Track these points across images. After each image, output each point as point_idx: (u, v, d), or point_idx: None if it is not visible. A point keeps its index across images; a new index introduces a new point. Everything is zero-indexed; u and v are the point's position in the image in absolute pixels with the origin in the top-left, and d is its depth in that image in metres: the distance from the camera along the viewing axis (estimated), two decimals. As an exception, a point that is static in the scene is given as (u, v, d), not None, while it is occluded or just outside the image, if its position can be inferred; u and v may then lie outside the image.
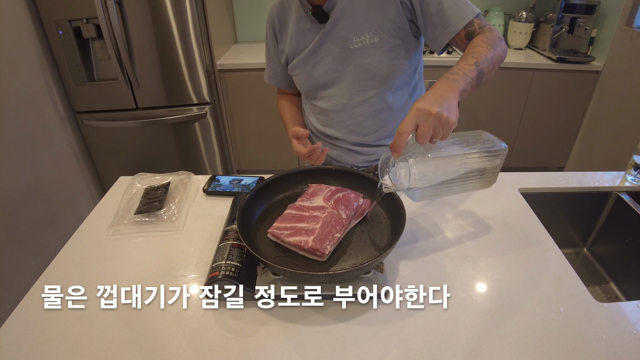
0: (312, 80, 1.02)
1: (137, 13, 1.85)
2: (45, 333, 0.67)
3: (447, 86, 0.67)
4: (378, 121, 1.03)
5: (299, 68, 1.02)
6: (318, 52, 0.97)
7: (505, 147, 0.73)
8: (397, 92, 1.01)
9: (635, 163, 1.07)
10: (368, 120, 1.03)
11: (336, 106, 1.03)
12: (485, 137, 0.74)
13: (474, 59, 0.74)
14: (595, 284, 1.06)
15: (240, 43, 2.68)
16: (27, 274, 1.69)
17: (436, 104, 0.62)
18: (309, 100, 1.09)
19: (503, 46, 0.81)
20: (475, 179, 0.75)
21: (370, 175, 0.87)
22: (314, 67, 0.99)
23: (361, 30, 0.91)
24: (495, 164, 0.74)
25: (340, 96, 1.01)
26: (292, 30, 0.99)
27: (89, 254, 0.84)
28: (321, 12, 0.91)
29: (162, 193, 0.99)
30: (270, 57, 1.11)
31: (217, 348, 0.64)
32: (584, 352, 0.63)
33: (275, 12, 1.01)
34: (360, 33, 0.91)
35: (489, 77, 0.77)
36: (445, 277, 0.77)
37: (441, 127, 0.62)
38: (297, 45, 0.99)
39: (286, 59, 1.04)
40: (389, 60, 0.94)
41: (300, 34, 0.97)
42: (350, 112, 1.02)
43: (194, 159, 2.33)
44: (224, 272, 0.68)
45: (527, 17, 2.40)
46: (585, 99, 2.38)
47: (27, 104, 1.75)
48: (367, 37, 0.91)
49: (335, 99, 1.02)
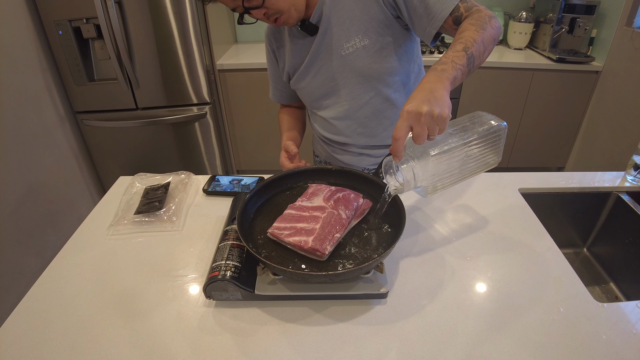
0: (313, 92, 1.03)
1: (137, 13, 1.85)
2: (45, 333, 0.67)
3: (434, 79, 0.66)
4: (384, 120, 1.04)
5: (299, 82, 1.04)
6: (313, 64, 0.98)
7: (505, 126, 0.71)
8: (398, 89, 1.01)
9: (635, 163, 1.07)
10: (374, 121, 1.04)
11: (339, 113, 1.04)
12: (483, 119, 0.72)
13: (461, 45, 0.72)
14: (595, 284, 1.06)
15: (240, 43, 2.68)
16: (27, 274, 1.70)
17: (425, 101, 0.61)
18: (314, 111, 1.11)
19: (494, 24, 0.78)
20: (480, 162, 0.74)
21: (370, 175, 0.87)
22: (312, 79, 1.00)
23: (350, 35, 0.91)
24: (498, 145, 0.74)
25: (341, 103, 1.02)
26: (288, 47, 1.01)
27: (89, 254, 0.84)
28: (309, 26, 0.92)
29: (162, 193, 0.99)
30: (273, 76, 1.14)
31: (217, 348, 0.64)
32: (584, 352, 0.63)
33: (270, 32, 1.04)
34: (350, 38, 0.91)
35: (482, 59, 0.76)
36: (445, 277, 0.77)
37: (435, 123, 0.61)
38: (295, 61, 1.01)
39: (287, 76, 1.06)
40: (382, 59, 0.94)
41: (296, 50, 0.99)
42: (354, 117, 1.03)
43: (193, 159, 2.33)
44: (223, 272, 0.68)
45: (527, 17, 2.40)
46: (585, 99, 2.38)
47: (27, 104, 1.75)
48: (357, 41, 0.91)
49: (338, 107, 1.03)
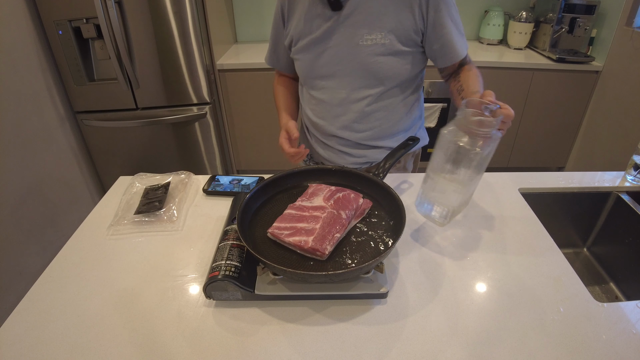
0: (314, 68, 1.01)
1: (137, 13, 1.85)
2: (45, 333, 0.67)
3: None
4: (373, 120, 1.04)
5: (303, 53, 1.00)
6: (325, 41, 0.96)
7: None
8: (396, 96, 1.02)
9: (635, 163, 1.07)
10: (364, 118, 1.03)
11: (334, 99, 1.02)
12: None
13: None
14: (595, 284, 1.06)
15: (240, 43, 2.68)
16: (27, 274, 1.70)
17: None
18: (307, 88, 1.08)
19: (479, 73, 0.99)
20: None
21: (370, 175, 0.87)
22: (318, 55, 0.98)
23: (373, 28, 0.91)
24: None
25: (339, 89, 1.01)
26: (301, 12, 0.97)
27: (89, 254, 0.84)
28: (336, 1, 0.90)
29: (162, 193, 0.99)
30: (274, 38, 1.09)
31: (217, 348, 0.64)
32: (584, 352, 0.63)
33: None
34: (372, 31, 0.91)
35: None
36: (445, 276, 0.77)
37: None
38: (304, 28, 0.97)
39: (290, 41, 1.02)
40: (394, 63, 0.95)
41: (310, 18, 0.96)
42: (347, 107, 1.02)
43: (194, 159, 2.33)
44: (223, 272, 0.68)
45: (527, 17, 2.40)
46: (585, 99, 2.38)
47: (27, 104, 1.75)
48: (379, 37, 0.91)
49: (334, 92, 1.01)
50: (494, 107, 0.69)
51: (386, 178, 0.87)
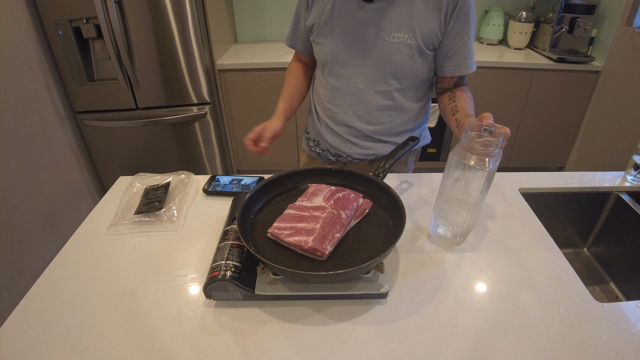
0: (335, 55, 1.01)
1: (137, 13, 1.85)
2: (45, 333, 0.67)
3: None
4: (386, 116, 1.06)
5: (325, 37, 1.00)
6: (351, 30, 0.96)
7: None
8: (411, 96, 1.05)
9: (635, 163, 1.07)
10: (377, 112, 1.05)
11: (350, 88, 1.03)
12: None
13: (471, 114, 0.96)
14: (595, 284, 1.06)
15: (240, 43, 2.68)
16: (27, 274, 1.70)
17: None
18: (324, 74, 1.07)
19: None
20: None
21: (370, 175, 0.87)
22: (341, 43, 0.98)
23: (402, 27, 0.93)
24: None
25: (357, 80, 1.02)
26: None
27: (88, 254, 0.84)
28: None
29: (162, 193, 0.99)
30: (298, 19, 1.08)
31: (217, 348, 0.64)
32: (584, 352, 0.63)
33: None
34: (400, 29, 0.93)
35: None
36: (445, 276, 0.77)
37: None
38: (332, 13, 0.97)
39: (312, 23, 1.02)
40: (415, 64, 0.97)
41: (340, 5, 0.96)
42: (363, 99, 1.03)
43: (194, 159, 2.33)
44: (223, 272, 0.68)
45: (527, 17, 2.40)
46: (585, 99, 2.38)
47: (27, 104, 1.75)
48: (406, 37, 0.93)
49: (352, 81, 1.02)
50: (492, 128, 0.75)
51: (386, 178, 0.87)
